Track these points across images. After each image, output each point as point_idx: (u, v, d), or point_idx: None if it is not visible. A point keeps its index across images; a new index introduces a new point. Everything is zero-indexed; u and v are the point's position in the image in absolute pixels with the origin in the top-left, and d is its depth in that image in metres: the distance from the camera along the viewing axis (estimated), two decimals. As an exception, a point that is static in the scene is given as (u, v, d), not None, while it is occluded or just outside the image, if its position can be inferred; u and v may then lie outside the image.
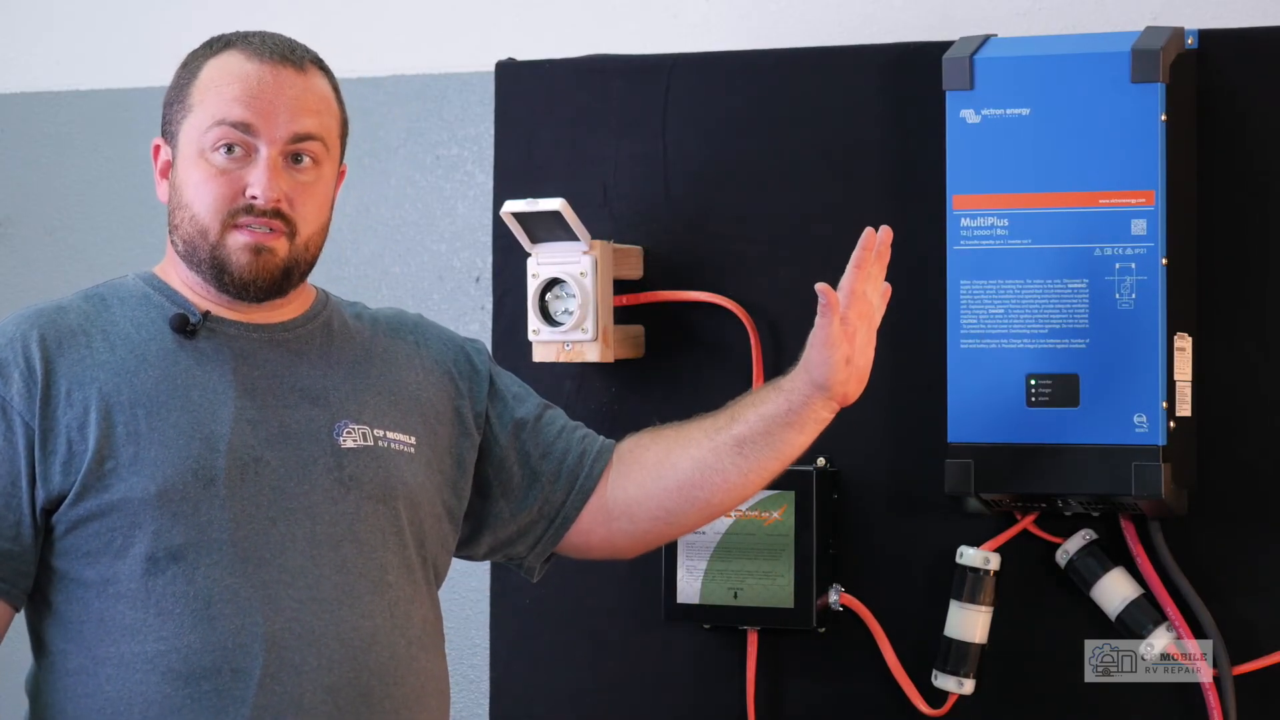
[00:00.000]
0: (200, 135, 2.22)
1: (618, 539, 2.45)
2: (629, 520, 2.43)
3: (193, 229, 2.22)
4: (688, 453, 2.40)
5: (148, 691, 2.14)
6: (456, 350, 2.44)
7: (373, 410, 2.29)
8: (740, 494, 2.41)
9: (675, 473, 2.40)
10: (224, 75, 2.23)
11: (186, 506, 2.15)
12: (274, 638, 2.16)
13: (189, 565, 2.15)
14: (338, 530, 2.23)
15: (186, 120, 2.23)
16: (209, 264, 2.22)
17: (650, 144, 2.86)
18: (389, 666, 2.22)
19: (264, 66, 2.23)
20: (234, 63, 2.24)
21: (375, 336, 2.36)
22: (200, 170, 2.21)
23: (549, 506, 2.43)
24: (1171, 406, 2.55)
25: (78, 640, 2.17)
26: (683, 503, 2.41)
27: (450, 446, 2.37)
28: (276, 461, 2.21)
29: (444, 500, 2.35)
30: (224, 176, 2.21)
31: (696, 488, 2.40)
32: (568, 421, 2.47)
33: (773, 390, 2.39)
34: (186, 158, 2.23)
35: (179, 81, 2.27)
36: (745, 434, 2.38)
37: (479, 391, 2.42)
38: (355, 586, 2.22)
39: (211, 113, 2.21)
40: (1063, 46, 2.62)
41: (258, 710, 2.14)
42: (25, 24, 3.58)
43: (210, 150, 2.21)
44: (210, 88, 2.23)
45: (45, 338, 2.18)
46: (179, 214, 2.24)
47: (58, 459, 2.15)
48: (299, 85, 2.24)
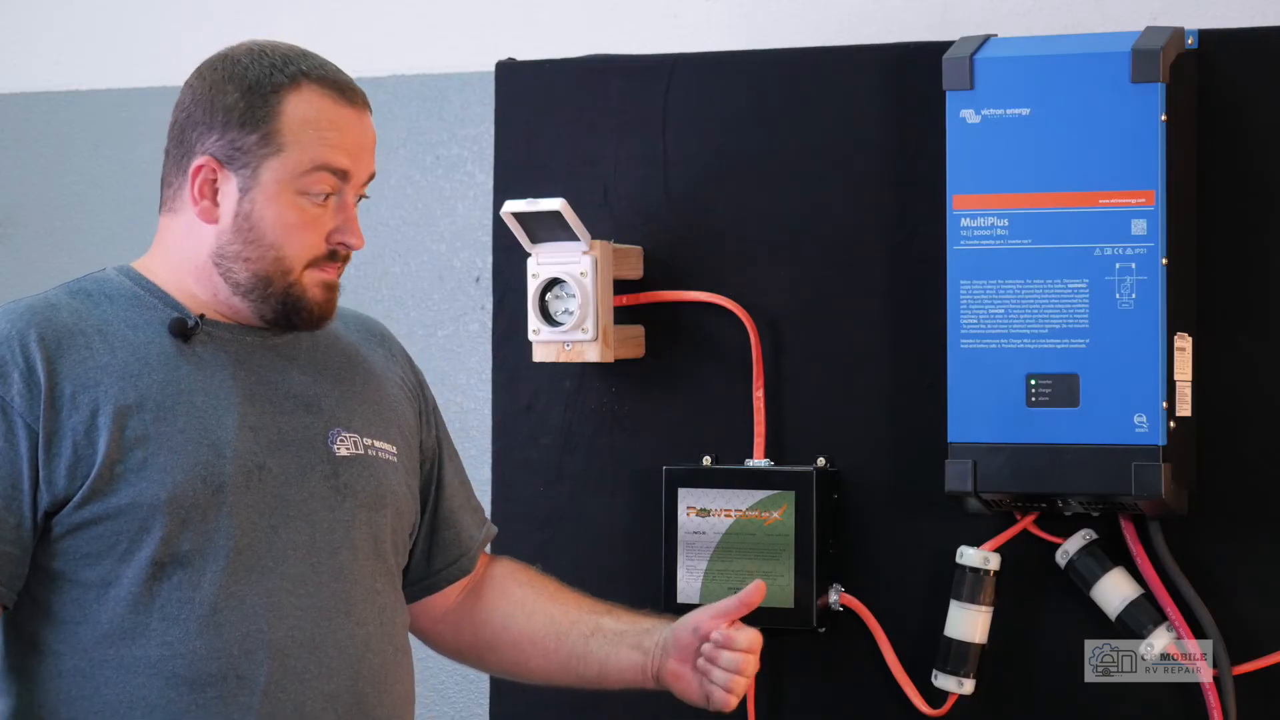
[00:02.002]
0: (297, 178, 2.20)
1: (436, 632, 2.48)
2: (454, 626, 2.46)
3: (274, 267, 2.22)
4: (551, 612, 2.44)
5: (150, 696, 2.14)
6: (414, 372, 2.47)
7: (361, 419, 2.31)
8: (549, 676, 2.44)
9: (529, 621, 2.44)
10: (319, 117, 2.21)
11: (195, 513, 2.15)
12: (278, 645, 2.16)
13: (195, 571, 2.15)
14: (335, 538, 2.23)
15: (276, 158, 2.20)
16: (280, 298, 2.23)
17: (650, 144, 2.86)
18: (380, 674, 2.24)
19: (352, 111, 2.24)
20: (325, 104, 2.22)
21: (354, 343, 2.38)
22: (295, 213, 2.21)
23: (431, 566, 2.44)
24: (1171, 406, 2.55)
25: (72, 642, 2.16)
26: (510, 645, 2.44)
27: (416, 461, 2.40)
28: (278, 468, 2.21)
29: (413, 511, 2.38)
30: (318, 223, 2.22)
31: (531, 643, 2.43)
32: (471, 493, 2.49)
33: (633, 648, 2.41)
34: (272, 195, 2.20)
35: (249, 106, 2.21)
36: (601, 636, 2.41)
37: (429, 422, 2.44)
38: (350, 594, 2.23)
39: (313, 157, 2.20)
40: (1063, 46, 2.61)
41: (263, 717, 2.15)
42: (25, 24, 3.58)
43: (307, 194, 2.21)
44: (307, 129, 2.20)
45: (44, 337, 2.17)
46: (254, 249, 2.21)
47: (63, 462, 2.15)
48: (372, 130, 2.27)
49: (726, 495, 2.77)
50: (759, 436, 2.78)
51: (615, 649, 2.41)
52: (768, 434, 2.78)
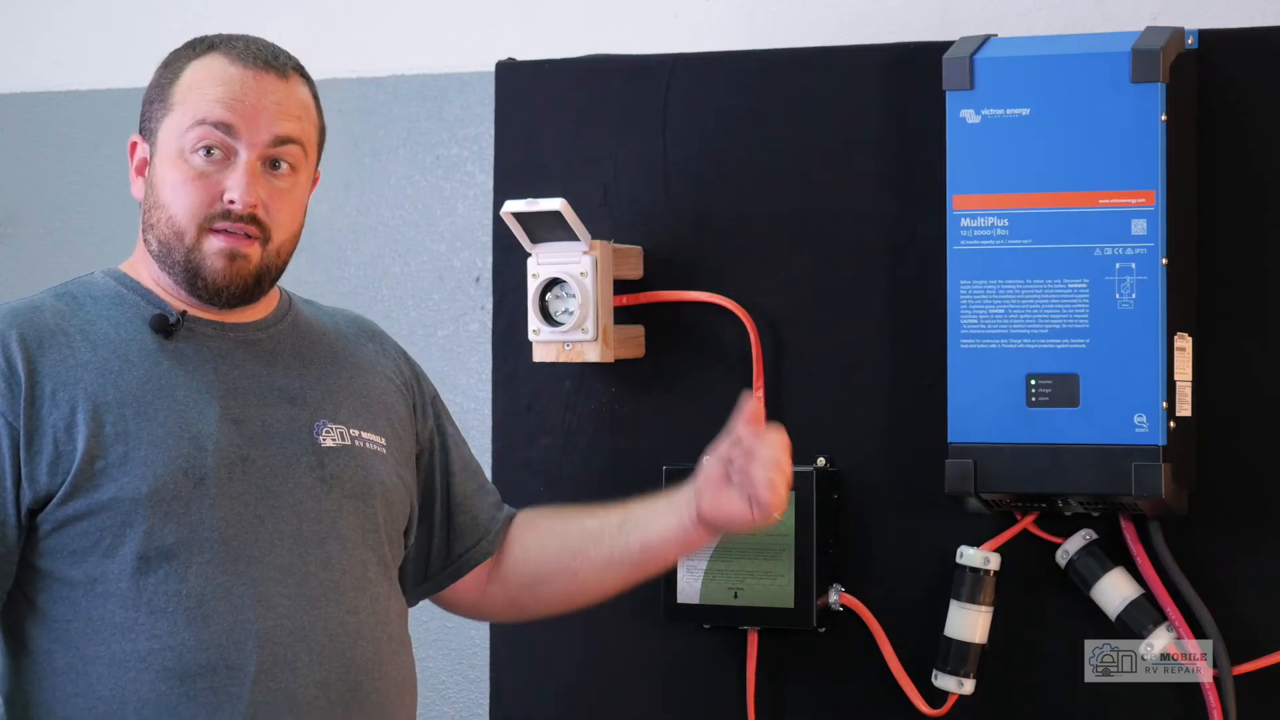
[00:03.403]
0: (180, 135, 2.22)
1: (485, 606, 2.51)
2: (499, 590, 2.49)
3: (169, 230, 2.23)
4: (580, 523, 2.45)
5: (142, 690, 2.14)
6: (410, 366, 2.48)
7: (348, 410, 2.32)
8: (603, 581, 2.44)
9: (562, 539, 2.46)
10: (207, 77, 2.24)
11: (178, 506, 2.16)
12: (267, 634, 2.17)
13: (181, 564, 2.16)
14: (321, 528, 2.25)
15: (167, 119, 2.24)
16: (183, 267, 2.23)
17: (650, 144, 2.86)
18: (373, 661, 2.25)
19: (247, 71, 2.24)
20: (217, 65, 2.24)
21: (340, 338, 2.39)
22: (179, 171, 2.22)
23: (451, 553, 2.47)
24: (1171, 406, 2.55)
25: (63, 640, 2.17)
26: (554, 570, 2.45)
27: (410, 453, 2.41)
28: (262, 460, 2.22)
29: (408, 502, 2.39)
30: (203, 179, 2.22)
31: (571, 556, 2.44)
32: (485, 479, 2.52)
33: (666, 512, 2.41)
34: (165, 157, 2.23)
35: (160, 80, 2.27)
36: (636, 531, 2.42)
37: (426, 414, 2.46)
38: (340, 583, 2.24)
39: (193, 113, 2.22)
40: (1063, 46, 2.61)
41: (254, 707, 2.16)
42: (25, 24, 3.58)
43: (190, 151, 2.22)
44: (193, 88, 2.23)
45: (25, 337, 2.19)
46: (155, 213, 2.24)
47: (44, 459, 2.16)
48: (281, 91, 2.25)
49: (726, 495, 2.77)
50: (759, 436, 2.78)
51: (650, 522, 2.41)
52: (768, 434, 2.78)
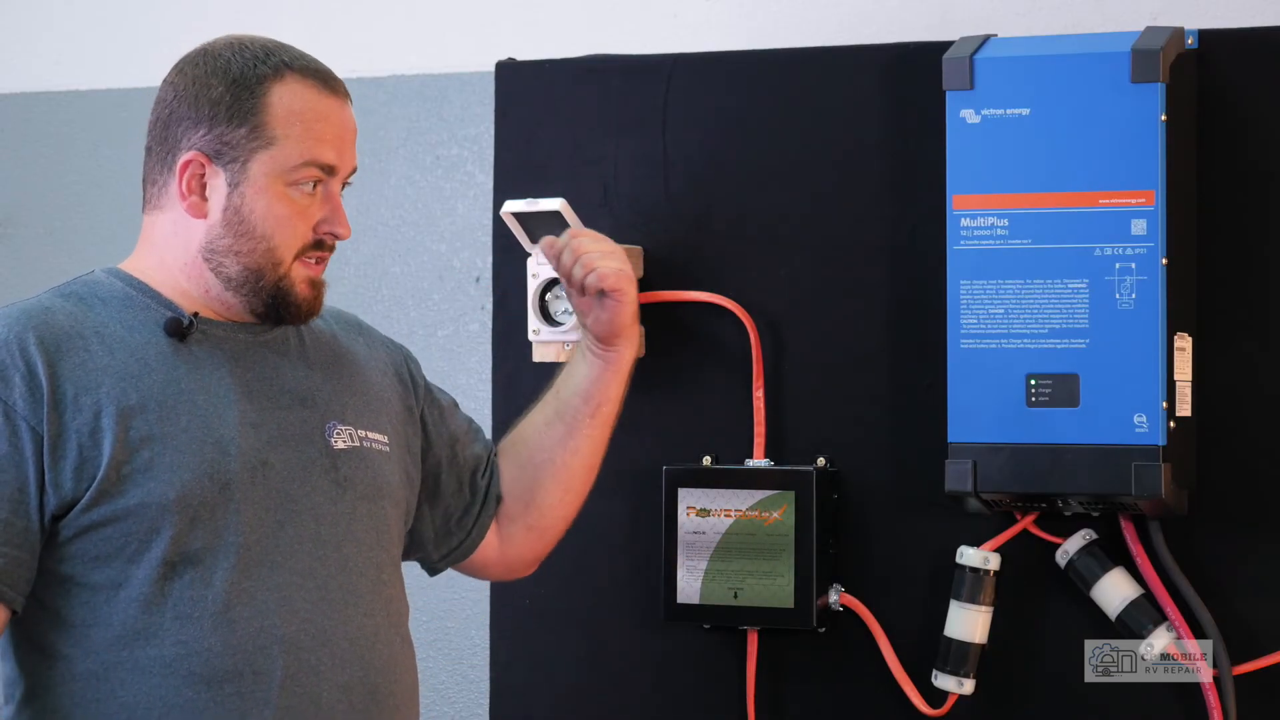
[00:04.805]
0: (286, 171, 2.21)
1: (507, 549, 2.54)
2: (508, 520, 2.52)
3: (266, 260, 2.23)
4: (531, 423, 2.52)
5: (168, 695, 2.14)
6: (397, 352, 2.49)
7: (354, 411, 2.32)
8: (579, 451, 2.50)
9: (526, 446, 2.52)
10: (305, 109, 2.22)
11: (205, 511, 2.16)
12: (291, 639, 2.18)
13: (206, 569, 2.16)
14: (338, 531, 2.25)
15: (264, 152, 2.21)
16: (270, 292, 2.24)
17: (650, 144, 2.86)
18: (390, 664, 2.26)
19: (334, 101, 2.25)
20: (310, 95, 2.23)
21: (336, 336, 2.39)
22: (285, 205, 2.22)
23: (468, 517, 2.49)
24: (1171, 406, 2.55)
25: (84, 645, 2.16)
26: (541, 475, 2.50)
27: (410, 446, 2.41)
28: (280, 464, 2.22)
29: (409, 499, 2.40)
30: (304, 214, 2.23)
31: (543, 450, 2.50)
32: (479, 432, 2.55)
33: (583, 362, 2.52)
34: (261, 188, 2.21)
35: (234, 101, 2.22)
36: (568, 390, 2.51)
37: (419, 395, 2.47)
38: (357, 586, 2.25)
39: (302, 152, 2.21)
40: (1063, 46, 2.61)
41: (281, 711, 2.16)
42: (25, 24, 3.58)
43: (292, 184, 2.22)
44: (294, 122, 2.22)
45: (43, 340, 2.17)
46: (245, 241, 2.22)
47: (69, 464, 2.14)
48: (353, 120, 2.29)
49: (726, 495, 2.77)
50: (759, 436, 2.78)
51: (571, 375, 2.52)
52: (768, 434, 2.78)
